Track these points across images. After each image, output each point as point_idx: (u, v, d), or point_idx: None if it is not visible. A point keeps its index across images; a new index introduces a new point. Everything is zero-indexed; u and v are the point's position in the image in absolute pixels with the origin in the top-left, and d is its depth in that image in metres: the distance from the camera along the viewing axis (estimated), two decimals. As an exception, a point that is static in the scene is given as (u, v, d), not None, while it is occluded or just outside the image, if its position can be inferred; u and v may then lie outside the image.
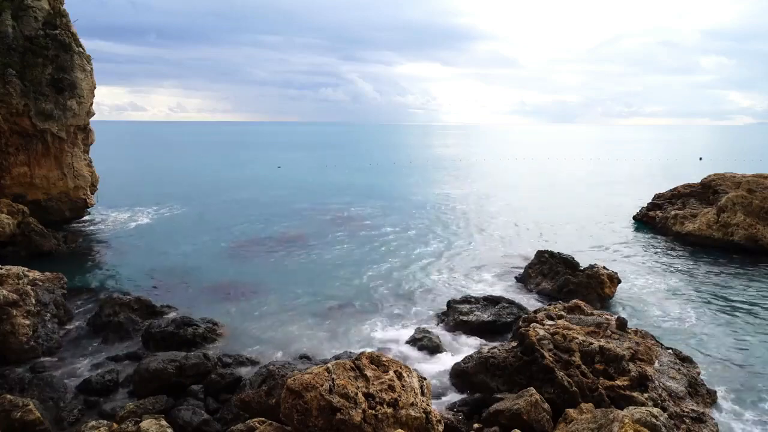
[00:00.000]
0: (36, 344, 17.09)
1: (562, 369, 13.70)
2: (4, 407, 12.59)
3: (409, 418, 10.79)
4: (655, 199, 40.88)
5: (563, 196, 53.39)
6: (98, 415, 13.88)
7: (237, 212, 43.24)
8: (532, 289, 24.04)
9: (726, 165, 74.90)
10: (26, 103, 31.12)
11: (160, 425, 11.92)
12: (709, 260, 29.07)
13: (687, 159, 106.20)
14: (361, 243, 33.10)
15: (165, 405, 13.99)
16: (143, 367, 15.26)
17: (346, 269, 27.41)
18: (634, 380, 13.34)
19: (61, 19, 33.28)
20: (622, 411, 10.87)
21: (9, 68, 30.41)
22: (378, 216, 41.92)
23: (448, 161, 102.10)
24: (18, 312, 17.20)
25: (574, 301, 18.06)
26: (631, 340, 15.16)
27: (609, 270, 23.74)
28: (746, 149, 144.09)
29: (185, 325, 18.64)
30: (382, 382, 11.19)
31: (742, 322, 20.50)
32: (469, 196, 53.33)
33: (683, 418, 12.60)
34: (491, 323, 19.42)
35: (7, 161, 31.96)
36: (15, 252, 27.82)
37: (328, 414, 10.35)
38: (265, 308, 21.81)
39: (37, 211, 32.00)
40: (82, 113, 33.93)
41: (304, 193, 54.80)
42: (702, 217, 33.41)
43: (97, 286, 24.43)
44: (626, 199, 49.16)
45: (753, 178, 34.24)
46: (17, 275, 18.77)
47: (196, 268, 27.47)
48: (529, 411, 12.30)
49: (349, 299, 22.87)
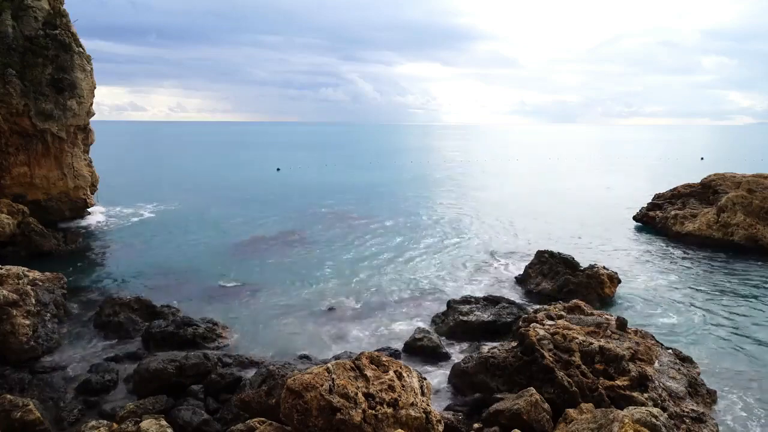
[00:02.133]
0: (36, 344, 17.09)
1: (562, 369, 13.70)
2: (4, 407, 12.60)
3: (409, 418, 10.78)
4: (655, 199, 40.86)
5: (563, 196, 53.39)
6: (98, 415, 13.90)
7: (237, 212, 43.25)
8: (532, 289, 24.05)
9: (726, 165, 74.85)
10: (26, 103, 31.13)
11: (160, 425, 11.93)
12: (709, 260, 29.07)
13: (687, 159, 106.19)
14: (360, 243, 33.12)
15: (165, 405, 14.01)
16: (143, 367, 15.27)
17: (346, 269, 27.44)
18: (634, 380, 13.33)
19: (61, 19, 33.29)
20: (622, 411, 10.86)
21: (9, 68, 30.43)
22: (378, 216, 41.92)
23: (448, 161, 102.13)
24: (18, 312, 17.20)
25: (574, 301, 18.07)
26: (631, 340, 15.16)
27: (609, 270, 23.77)
28: (746, 149, 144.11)
29: (185, 325, 18.66)
30: (382, 382, 11.18)
31: (742, 322, 20.49)
32: (469, 197, 53.36)
33: (683, 418, 12.60)
34: (491, 323, 19.42)
35: (7, 161, 31.97)
36: (15, 252, 27.86)
37: (328, 414, 10.35)
38: (265, 308, 21.82)
39: (37, 211, 32.01)
40: (82, 113, 33.94)
41: (304, 193, 54.84)
42: (702, 217, 33.41)
43: (97, 286, 24.43)
44: (626, 199, 49.15)
45: (753, 178, 34.22)
46: (17, 275, 18.77)
47: (196, 268, 27.48)
48: (529, 411, 12.30)
49: (349, 299, 22.89)
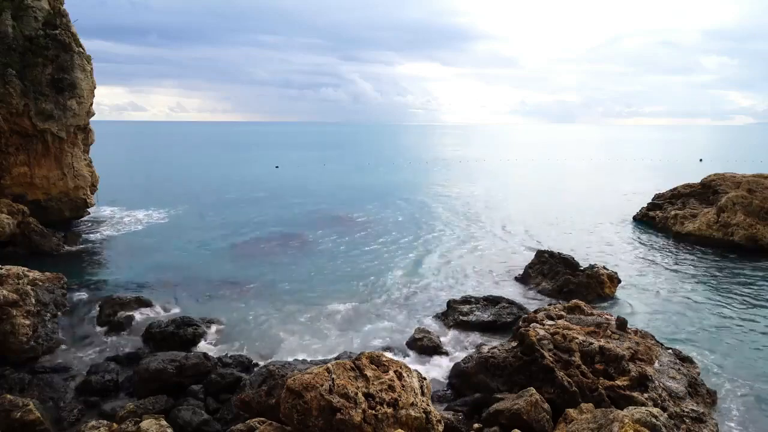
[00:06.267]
0: (36, 344, 17.10)
1: (562, 369, 13.70)
2: (4, 407, 12.59)
3: (409, 418, 10.78)
4: (655, 199, 40.88)
5: (563, 196, 53.37)
6: (98, 415, 13.89)
7: (237, 212, 43.24)
8: (532, 289, 24.06)
9: (726, 165, 74.88)
10: (26, 103, 31.11)
11: (160, 425, 11.92)
12: (709, 260, 29.07)
13: (687, 159, 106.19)
14: (360, 243, 33.11)
15: (165, 405, 14.01)
16: (143, 367, 15.27)
17: (346, 269, 27.44)
18: (634, 380, 13.33)
19: (61, 19, 33.25)
20: (622, 411, 10.86)
21: (9, 68, 30.40)
22: (378, 216, 41.92)
23: (448, 161, 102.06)
24: (18, 312, 17.19)
25: (574, 301, 18.07)
26: (631, 340, 15.16)
27: (609, 270, 23.78)
28: (746, 149, 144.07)
29: (185, 325, 18.66)
30: (382, 382, 11.18)
31: (743, 322, 20.48)
32: (469, 196, 53.32)
33: (683, 418, 12.60)
34: (491, 323, 19.44)
35: (7, 161, 31.94)
36: (15, 252, 27.85)
37: (328, 414, 10.34)
38: (265, 308, 21.80)
39: (37, 211, 31.98)
40: (82, 113, 33.91)
41: (304, 193, 54.81)
42: (702, 217, 33.41)
43: (97, 286, 24.40)
44: (626, 199, 49.16)
45: (753, 178, 34.22)
46: (17, 275, 18.76)
47: (197, 267, 27.47)
48: (529, 411, 12.30)
49: (349, 299, 22.87)
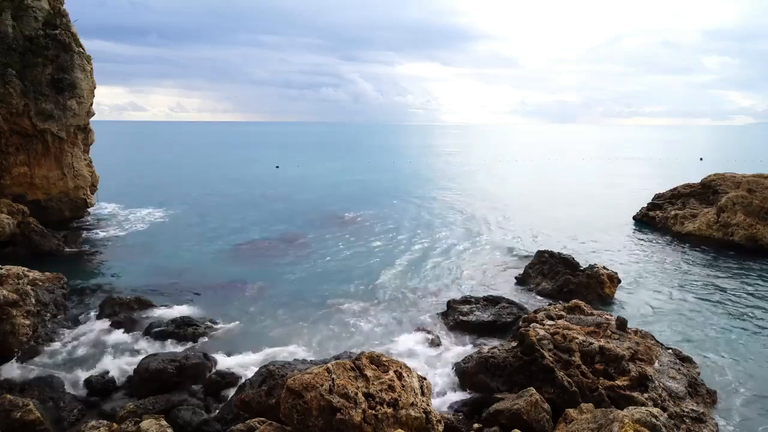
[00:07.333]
0: (36, 344, 17.10)
1: (562, 369, 13.70)
2: (4, 407, 12.59)
3: (409, 418, 10.78)
4: (655, 199, 40.85)
5: (563, 196, 53.35)
6: (98, 415, 13.89)
7: (237, 212, 43.24)
8: (532, 289, 24.05)
9: (726, 165, 74.85)
10: (26, 103, 31.11)
11: (160, 425, 11.93)
12: (709, 260, 29.06)
13: (687, 159, 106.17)
14: (360, 243, 33.10)
15: (165, 405, 13.99)
16: (143, 367, 15.27)
17: (346, 269, 27.43)
18: (634, 380, 13.33)
19: (61, 19, 33.25)
20: (622, 411, 10.87)
21: (9, 68, 30.40)
22: (377, 216, 41.90)
23: (448, 161, 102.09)
24: (18, 312, 17.17)
25: (574, 301, 18.07)
26: (631, 340, 15.16)
27: (609, 270, 23.76)
28: (746, 149, 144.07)
29: (185, 325, 18.68)
30: (382, 382, 11.18)
31: (743, 322, 20.48)
32: (469, 196, 53.29)
33: (683, 418, 12.60)
34: (491, 323, 19.42)
35: (7, 161, 31.94)
36: (15, 252, 27.83)
37: (328, 414, 10.35)
38: (265, 308, 21.80)
39: (37, 211, 31.98)
40: (82, 113, 33.91)
41: (304, 193, 54.80)
42: (702, 217, 33.40)
43: (97, 286, 24.38)
44: (626, 199, 49.13)
45: (753, 178, 34.20)
46: (17, 275, 18.75)
47: (196, 267, 27.46)
48: (529, 411, 12.30)
49: (348, 299, 22.86)
